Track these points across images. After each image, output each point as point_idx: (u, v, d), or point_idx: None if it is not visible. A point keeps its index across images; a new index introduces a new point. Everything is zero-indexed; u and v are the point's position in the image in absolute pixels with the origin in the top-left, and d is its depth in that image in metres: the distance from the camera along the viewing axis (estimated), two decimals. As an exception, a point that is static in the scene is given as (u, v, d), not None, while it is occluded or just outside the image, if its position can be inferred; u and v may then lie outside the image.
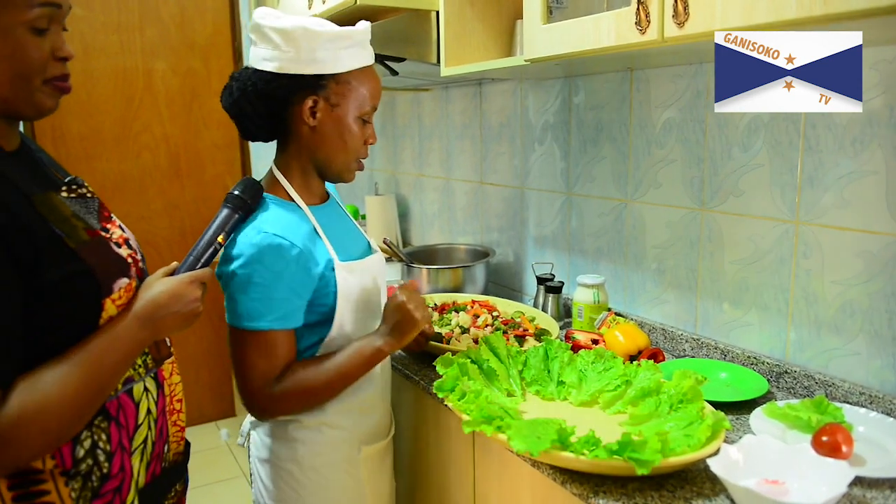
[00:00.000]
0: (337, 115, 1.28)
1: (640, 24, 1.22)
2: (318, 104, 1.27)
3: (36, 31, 0.90)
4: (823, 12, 0.95)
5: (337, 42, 1.24)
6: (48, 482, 0.91)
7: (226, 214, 1.20)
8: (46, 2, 0.91)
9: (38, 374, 0.87)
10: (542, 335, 1.72)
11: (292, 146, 1.33)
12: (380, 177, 3.28)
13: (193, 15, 3.37)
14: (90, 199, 1.03)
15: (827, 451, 1.09)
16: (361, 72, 1.29)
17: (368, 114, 1.32)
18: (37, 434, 0.85)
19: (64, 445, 0.92)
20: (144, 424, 1.05)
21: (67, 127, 3.15)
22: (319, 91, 1.26)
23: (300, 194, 1.33)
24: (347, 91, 1.28)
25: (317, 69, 1.24)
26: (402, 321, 1.26)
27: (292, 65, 1.23)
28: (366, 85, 1.30)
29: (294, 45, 1.22)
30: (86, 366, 0.90)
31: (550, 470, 1.16)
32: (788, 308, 1.49)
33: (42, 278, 0.87)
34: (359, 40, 1.28)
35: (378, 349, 1.26)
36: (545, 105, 2.12)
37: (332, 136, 1.29)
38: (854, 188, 1.35)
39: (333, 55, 1.24)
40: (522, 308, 1.95)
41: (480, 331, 1.75)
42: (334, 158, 1.32)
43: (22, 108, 0.94)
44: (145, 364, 1.06)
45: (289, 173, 1.34)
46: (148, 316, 0.98)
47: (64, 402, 0.87)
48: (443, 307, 1.95)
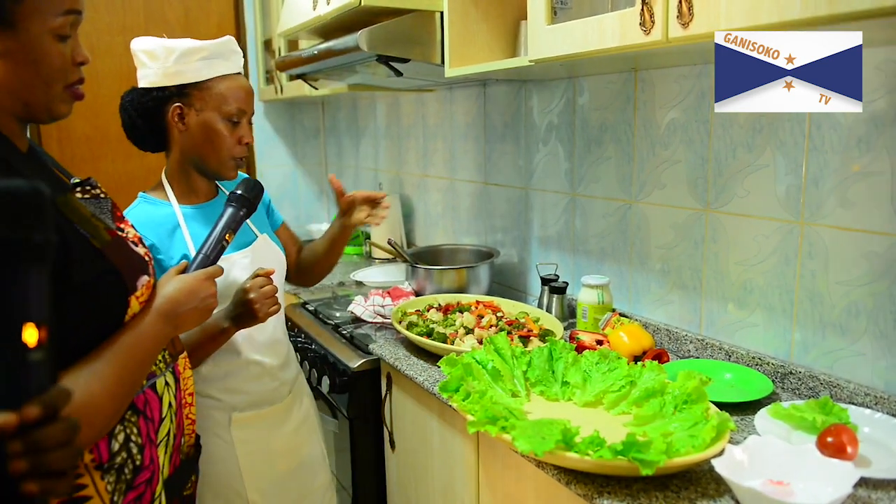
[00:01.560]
0: (203, 119, 1.43)
1: (644, 25, 1.22)
2: (185, 110, 1.43)
3: (60, 37, 0.92)
4: (828, 13, 0.95)
5: (193, 55, 1.41)
6: (85, 476, 0.92)
7: (231, 213, 1.29)
8: (71, 9, 0.93)
9: (77, 370, 0.89)
10: (547, 336, 1.72)
11: (173, 151, 1.48)
12: (384, 177, 3.28)
13: (198, 17, 3.38)
14: (103, 200, 1.05)
15: (832, 452, 1.08)
16: (222, 79, 1.44)
17: (235, 115, 1.45)
18: (85, 428, 0.87)
19: (101, 440, 0.94)
20: (167, 418, 1.08)
21: (73, 128, 3.16)
22: (183, 99, 1.42)
23: (182, 194, 1.49)
24: (208, 97, 1.43)
25: (178, 80, 1.41)
26: (245, 313, 1.37)
27: (158, 78, 1.41)
28: (226, 90, 1.44)
29: (157, 61, 1.40)
30: (119, 361, 0.93)
31: (555, 470, 1.16)
32: (793, 309, 1.49)
33: (72, 279, 0.88)
34: (217, 51, 1.43)
35: (223, 329, 1.38)
36: (549, 106, 2.12)
37: (202, 138, 1.44)
38: (859, 189, 1.34)
39: (192, 66, 1.41)
40: (526, 308, 1.95)
41: (485, 331, 1.75)
42: (208, 157, 1.46)
43: (39, 113, 0.95)
44: (164, 359, 1.09)
45: (172, 176, 1.49)
46: (169, 312, 1.03)
47: (104, 396, 0.90)
48: (447, 307, 1.95)
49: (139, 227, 1.32)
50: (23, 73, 0.90)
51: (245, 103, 1.46)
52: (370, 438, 1.97)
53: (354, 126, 3.56)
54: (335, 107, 3.75)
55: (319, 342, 2.07)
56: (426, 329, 1.81)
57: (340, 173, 3.76)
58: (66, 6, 0.92)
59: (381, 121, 3.28)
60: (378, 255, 3.02)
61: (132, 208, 1.43)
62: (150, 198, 1.47)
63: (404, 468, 1.85)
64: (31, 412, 0.63)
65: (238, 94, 1.45)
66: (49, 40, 0.91)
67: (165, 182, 1.49)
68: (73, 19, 0.94)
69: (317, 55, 2.10)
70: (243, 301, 1.36)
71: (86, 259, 0.91)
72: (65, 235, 0.89)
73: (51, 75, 0.93)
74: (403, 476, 1.86)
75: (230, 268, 1.45)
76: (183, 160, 1.48)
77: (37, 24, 0.89)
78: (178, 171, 1.49)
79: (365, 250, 3.22)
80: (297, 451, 1.63)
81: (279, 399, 1.59)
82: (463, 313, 1.87)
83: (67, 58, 0.94)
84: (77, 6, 0.94)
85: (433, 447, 1.67)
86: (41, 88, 0.93)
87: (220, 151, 1.46)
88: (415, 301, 2.06)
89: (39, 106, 0.94)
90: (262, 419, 1.55)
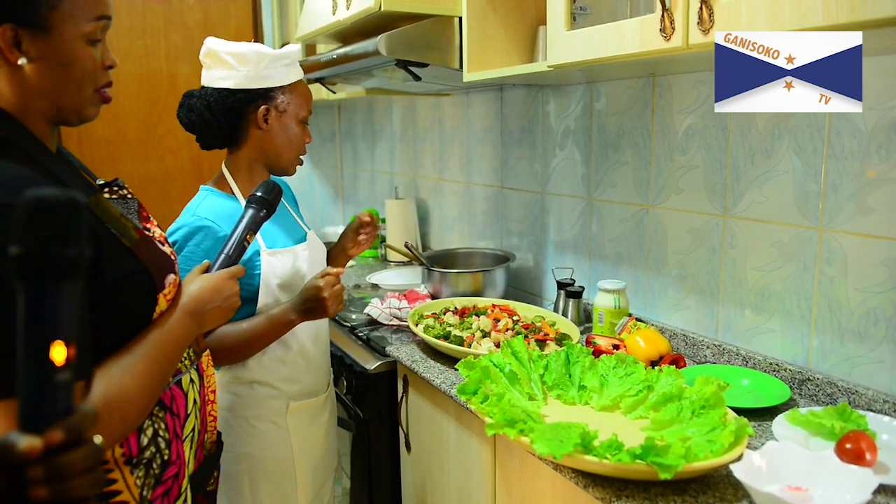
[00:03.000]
0: (284, 120, 1.57)
1: (664, 31, 1.23)
2: (270, 111, 1.54)
3: (91, 41, 0.95)
4: (850, 20, 0.95)
5: (280, 60, 1.53)
6: (114, 471, 0.94)
7: (252, 214, 1.34)
8: (103, 15, 0.95)
9: (110, 366, 0.91)
10: (563, 340, 1.73)
11: (244, 149, 1.58)
12: (400, 181, 3.30)
13: (217, 21, 3.42)
14: (130, 200, 1.07)
15: (851, 459, 1.08)
16: (298, 84, 1.60)
17: (307, 117, 1.61)
18: (118, 421, 0.90)
19: (131, 435, 0.96)
20: (192, 414, 1.10)
21: (93, 130, 3.20)
22: (270, 101, 1.54)
23: (243, 189, 1.57)
24: (290, 100, 1.57)
25: (267, 83, 1.53)
26: (315, 308, 1.47)
27: (247, 81, 1.51)
28: (302, 95, 1.60)
29: (247, 65, 1.50)
30: (149, 357, 0.95)
31: (573, 473, 1.17)
32: (811, 315, 1.49)
33: (104, 277, 0.90)
34: (294, 58, 1.58)
35: (290, 320, 1.48)
36: (566, 110, 2.13)
37: (282, 138, 1.58)
38: (878, 195, 1.34)
39: (279, 71, 1.53)
40: (542, 312, 1.96)
41: (501, 335, 1.76)
42: (282, 156, 1.60)
43: (70, 115, 0.97)
44: (189, 357, 1.11)
45: (236, 172, 1.59)
46: (194, 310, 1.07)
47: (137, 390, 0.92)
48: (463, 311, 1.96)
49: (213, 216, 1.47)
50: (56, 76, 0.93)
51: (311, 107, 1.63)
52: (386, 440, 1.98)
53: (370, 129, 3.58)
54: (351, 110, 3.77)
55: (336, 344, 2.09)
56: (443, 332, 1.82)
57: (356, 176, 3.78)
58: (98, 12, 0.94)
59: (397, 124, 3.29)
60: (394, 258, 3.04)
61: (201, 200, 1.52)
62: (216, 191, 1.56)
63: (420, 470, 1.86)
64: (55, 436, 0.59)
65: (310, 99, 1.62)
66: (81, 44, 0.93)
67: (229, 176, 1.58)
68: (104, 24, 0.96)
69: (336, 59, 2.12)
70: (316, 297, 1.45)
71: (117, 257, 0.93)
72: (97, 234, 0.91)
73: (83, 78, 0.95)
74: (419, 478, 1.87)
75: (294, 259, 1.58)
76: (254, 157, 1.59)
77: (70, 29, 0.92)
78: (245, 168, 1.59)
79: (381, 253, 3.23)
80: (328, 437, 1.76)
81: (324, 389, 1.71)
82: (479, 317, 1.87)
83: (98, 61, 0.97)
84: (108, 12, 0.96)
85: (449, 449, 1.68)
86: (73, 91, 0.95)
87: (295, 151, 1.61)
88: (431, 304, 2.07)
89: (71, 109, 0.97)
90: (312, 407, 1.67)
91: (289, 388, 1.60)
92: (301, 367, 1.62)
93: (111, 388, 0.88)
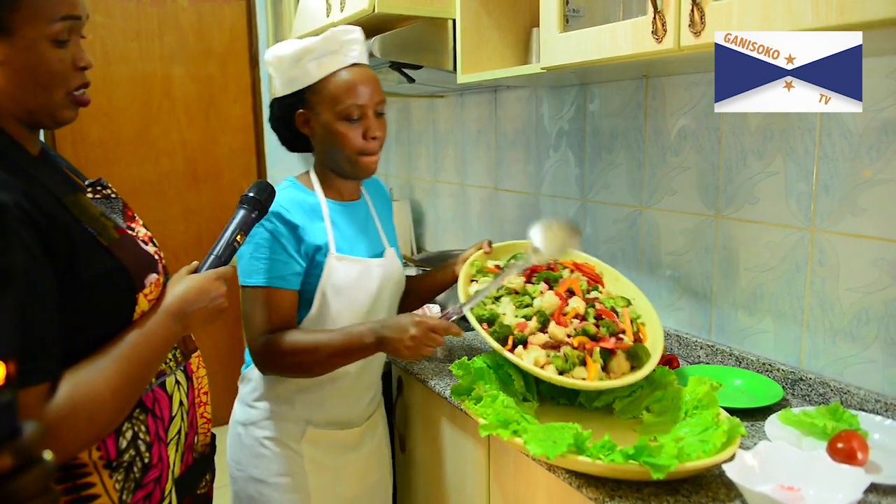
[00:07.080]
0: (323, 123, 1.41)
1: (656, 33, 1.23)
2: (307, 115, 1.42)
3: (58, 43, 0.93)
4: (840, 22, 0.96)
5: (303, 58, 1.38)
6: (93, 474, 0.94)
7: (243, 215, 1.26)
8: (68, 15, 0.93)
9: (81, 367, 0.90)
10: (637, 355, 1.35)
11: (314, 152, 1.51)
12: (394, 182, 3.30)
13: (211, 22, 3.41)
14: (114, 200, 1.07)
15: (842, 458, 1.09)
16: (332, 77, 1.39)
17: (350, 112, 1.38)
18: (85, 424, 0.88)
19: (108, 437, 0.95)
20: (178, 416, 1.09)
21: (87, 132, 3.19)
22: (302, 105, 1.42)
23: (327, 191, 1.48)
24: (320, 99, 1.39)
25: (295, 87, 1.40)
26: (394, 349, 1.32)
27: (282, 87, 1.43)
28: (335, 89, 1.38)
29: (279, 71, 1.41)
30: (125, 359, 0.93)
31: (566, 474, 1.17)
32: (804, 315, 1.50)
33: (79, 276, 0.90)
34: (326, 49, 1.38)
35: (366, 345, 1.33)
36: (560, 112, 2.14)
37: (328, 142, 1.43)
38: (870, 196, 1.35)
39: (303, 70, 1.38)
40: (632, 290, 1.53)
41: (562, 329, 1.34)
42: (334, 158, 1.45)
43: (43, 118, 0.96)
44: (175, 358, 1.10)
45: (319, 174, 1.50)
46: (178, 311, 1.03)
47: (108, 393, 0.90)
48: (532, 271, 1.50)
49: (288, 204, 1.39)
50: (22, 79, 0.91)
51: (359, 97, 1.38)
52: (381, 442, 1.97)
53: (365, 131, 3.57)
54: (346, 112, 3.77)
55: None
56: (489, 315, 1.39)
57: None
58: (63, 12, 0.92)
59: (391, 126, 3.29)
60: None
61: (282, 189, 1.42)
62: (299, 184, 1.47)
63: (414, 471, 1.86)
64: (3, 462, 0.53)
65: (350, 90, 1.37)
66: (46, 46, 0.91)
67: (313, 175, 1.50)
68: (71, 25, 0.94)
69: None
70: (400, 335, 1.30)
71: (92, 256, 0.93)
72: (71, 233, 0.90)
73: (51, 81, 0.93)
74: (414, 479, 1.87)
75: (363, 272, 1.44)
76: (320, 160, 1.49)
77: (33, 31, 0.90)
78: (321, 171, 1.50)
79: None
80: (365, 479, 1.59)
81: (356, 423, 1.55)
82: (548, 288, 1.44)
83: (68, 63, 0.95)
84: (75, 11, 0.94)
85: (444, 450, 1.68)
86: (42, 94, 0.93)
87: (345, 152, 1.41)
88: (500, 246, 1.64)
89: (42, 112, 0.95)
90: (336, 439, 1.51)
91: (308, 412, 1.47)
92: (335, 391, 1.47)
93: (78, 389, 0.87)
